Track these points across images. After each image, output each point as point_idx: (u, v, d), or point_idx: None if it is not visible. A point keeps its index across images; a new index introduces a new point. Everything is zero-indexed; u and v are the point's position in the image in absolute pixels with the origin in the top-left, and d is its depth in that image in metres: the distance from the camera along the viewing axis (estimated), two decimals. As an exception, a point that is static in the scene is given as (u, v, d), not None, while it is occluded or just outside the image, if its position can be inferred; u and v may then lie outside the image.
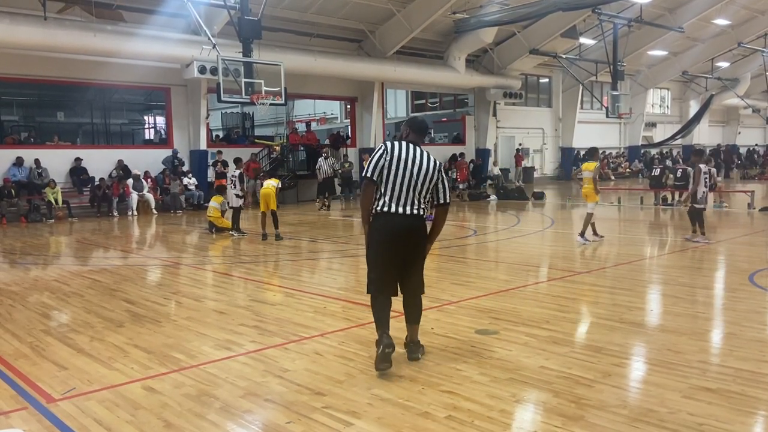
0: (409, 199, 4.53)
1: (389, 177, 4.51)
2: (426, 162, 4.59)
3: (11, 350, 5.21)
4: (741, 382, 4.12)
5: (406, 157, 4.54)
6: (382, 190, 4.54)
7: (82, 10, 16.84)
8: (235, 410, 3.87)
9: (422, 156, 4.60)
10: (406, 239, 4.56)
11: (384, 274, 4.58)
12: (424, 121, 5.26)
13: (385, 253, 4.56)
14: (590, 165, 11.02)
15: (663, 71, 33.12)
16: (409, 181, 4.51)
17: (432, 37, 23.62)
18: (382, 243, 4.55)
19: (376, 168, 4.54)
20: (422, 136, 4.92)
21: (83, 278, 8.53)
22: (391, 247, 4.53)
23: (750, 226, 13.30)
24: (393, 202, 4.51)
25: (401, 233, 4.53)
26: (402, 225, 4.52)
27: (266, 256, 10.46)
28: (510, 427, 3.58)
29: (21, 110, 23.86)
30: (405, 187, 4.51)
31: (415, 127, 4.84)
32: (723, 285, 7.71)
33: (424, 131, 5.01)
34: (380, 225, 4.55)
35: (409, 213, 4.52)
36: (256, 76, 16.12)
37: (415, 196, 4.54)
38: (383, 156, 4.54)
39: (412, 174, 4.52)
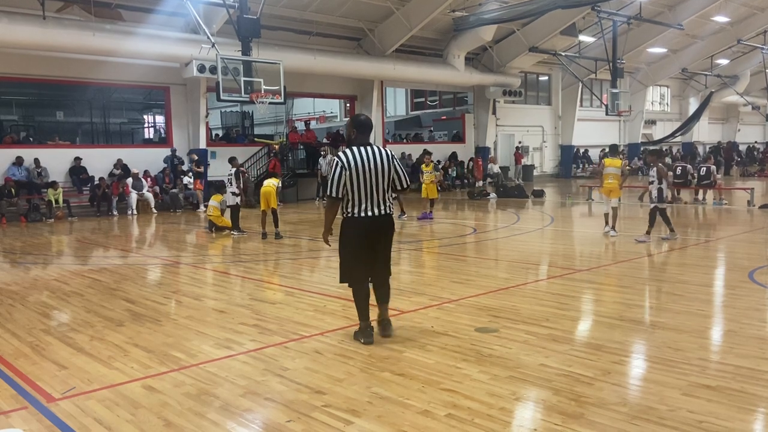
0: (375, 200, 4.97)
1: (353, 186, 4.90)
2: (381, 160, 4.98)
3: (11, 350, 5.22)
4: (741, 379, 4.12)
5: (363, 163, 4.91)
6: (349, 197, 4.94)
7: (81, 9, 16.82)
8: (235, 409, 3.88)
9: (375, 155, 4.96)
10: (378, 236, 5.07)
11: (363, 268, 5.07)
12: (365, 117, 5.35)
13: (361, 251, 5.04)
14: (616, 161, 11.42)
15: (662, 69, 33.09)
16: (372, 183, 4.94)
17: (431, 35, 23.60)
18: (358, 243, 5.02)
19: (339, 185, 4.91)
20: (368, 133, 5.18)
21: (83, 277, 8.53)
22: (366, 245, 5.03)
23: (750, 223, 13.30)
24: (362, 206, 4.95)
25: (374, 232, 5.04)
26: (374, 226, 5.01)
27: (266, 255, 10.46)
28: (510, 425, 3.58)
29: (20, 110, 23.86)
30: (370, 191, 4.94)
31: (359, 126, 5.15)
32: (723, 282, 7.71)
33: (368, 127, 5.22)
34: (354, 228, 5.00)
35: (378, 214, 4.99)
36: (255, 75, 16.09)
37: (379, 195, 4.98)
38: (343, 173, 4.89)
39: (372, 177, 4.93)
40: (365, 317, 5.12)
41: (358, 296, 5.16)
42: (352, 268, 5.10)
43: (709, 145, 38.39)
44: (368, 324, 5.11)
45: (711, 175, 16.89)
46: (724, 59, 33.91)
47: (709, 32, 30.00)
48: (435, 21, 21.99)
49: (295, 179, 21.57)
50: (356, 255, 5.05)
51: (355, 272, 5.10)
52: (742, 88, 36.41)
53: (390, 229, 5.14)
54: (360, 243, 5.01)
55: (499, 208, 17.82)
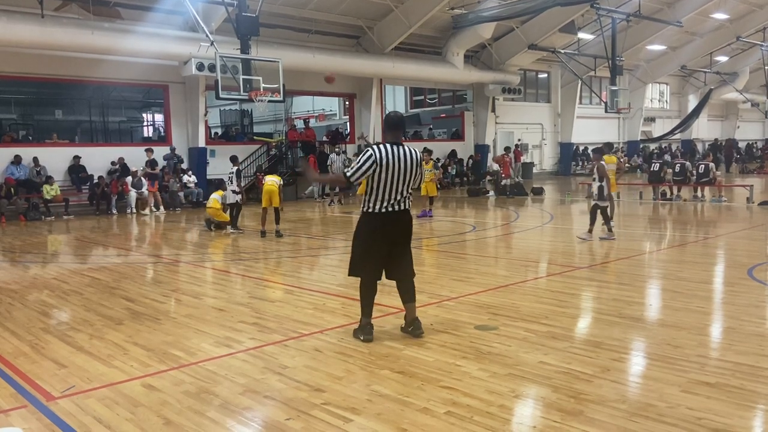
0: (397, 198, 4.99)
1: (380, 183, 4.92)
2: (410, 160, 5.01)
3: (11, 348, 5.21)
4: (740, 376, 4.12)
5: (394, 162, 4.91)
6: (374, 193, 4.96)
7: (80, 7, 16.80)
8: (235, 407, 3.88)
9: (405, 155, 4.99)
10: (398, 233, 5.08)
11: (376, 263, 5.07)
12: (398, 115, 5.30)
13: (377, 246, 5.03)
14: (612, 158, 12.11)
15: (662, 66, 33.08)
16: (398, 182, 4.95)
17: (430, 33, 23.58)
18: (375, 238, 5.02)
19: (361, 175, 4.93)
20: (399, 133, 5.14)
21: (82, 276, 8.53)
22: (384, 240, 5.02)
23: (749, 220, 13.31)
24: (384, 202, 4.96)
25: (394, 228, 5.04)
26: (394, 221, 5.02)
27: (265, 253, 10.46)
28: (509, 423, 3.59)
29: (19, 108, 23.82)
30: (394, 189, 4.96)
31: (389, 125, 5.16)
32: (722, 279, 7.71)
33: (398, 127, 5.18)
34: (374, 223, 5.01)
35: (398, 209, 5.01)
36: (254, 73, 16.08)
37: (402, 194, 5.02)
38: (372, 167, 4.88)
39: (399, 176, 4.95)
40: (368, 314, 5.12)
41: (365, 291, 5.15)
42: (365, 261, 5.08)
43: (708, 142, 38.42)
44: (369, 321, 5.12)
45: (710, 172, 16.90)
46: (723, 56, 33.92)
47: (709, 29, 30.00)
48: (434, 19, 21.98)
49: (294, 177, 21.55)
50: (371, 250, 5.04)
51: (368, 266, 5.08)
52: (742, 85, 36.42)
53: (410, 225, 5.17)
54: (377, 238, 5.01)
55: (498, 206, 17.82)
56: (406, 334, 5.20)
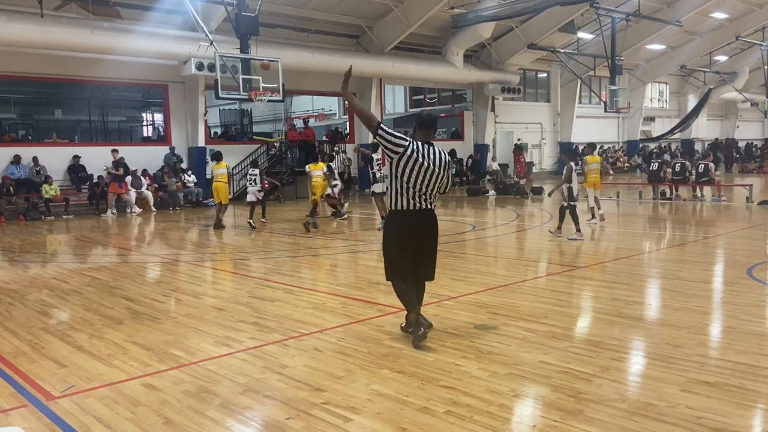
0: (425, 196, 4.92)
1: (405, 176, 4.85)
2: (439, 161, 4.94)
3: (10, 348, 5.21)
4: (739, 375, 4.12)
5: (423, 159, 4.86)
6: (399, 189, 4.90)
7: (79, 7, 16.80)
8: (235, 407, 3.88)
9: (435, 155, 4.93)
10: (425, 230, 5.01)
11: (407, 262, 5.00)
12: (431, 115, 5.24)
13: (407, 244, 4.97)
14: (596, 158, 12.93)
15: (661, 65, 33.09)
16: (426, 181, 4.88)
17: (430, 33, 23.58)
18: (405, 235, 4.96)
19: (389, 140, 4.84)
20: (430, 132, 5.09)
21: (82, 276, 8.53)
22: (413, 237, 4.96)
23: (748, 219, 13.31)
24: (412, 199, 4.89)
25: (422, 228, 4.98)
26: (422, 220, 4.96)
27: (265, 253, 10.46)
28: (509, 422, 3.59)
29: (18, 108, 23.81)
30: (421, 187, 4.87)
31: (421, 123, 5.08)
32: (721, 279, 7.72)
33: (430, 126, 5.12)
34: (401, 219, 4.96)
35: (425, 208, 4.95)
36: (253, 73, 16.09)
37: (429, 193, 4.94)
38: (400, 146, 4.83)
39: (427, 175, 4.87)
40: (411, 307, 5.02)
41: (402, 291, 5.07)
42: (396, 261, 5.02)
43: (707, 142, 38.43)
44: (417, 313, 4.96)
45: (709, 171, 16.91)
46: (722, 56, 33.94)
47: (708, 29, 30.02)
48: (433, 18, 21.98)
49: (294, 177, 21.56)
50: (402, 248, 4.98)
51: (399, 266, 5.02)
52: (741, 84, 36.43)
53: (436, 224, 5.09)
54: (406, 235, 4.95)
55: (498, 206, 17.82)
56: (405, 334, 5.15)
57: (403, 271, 5.02)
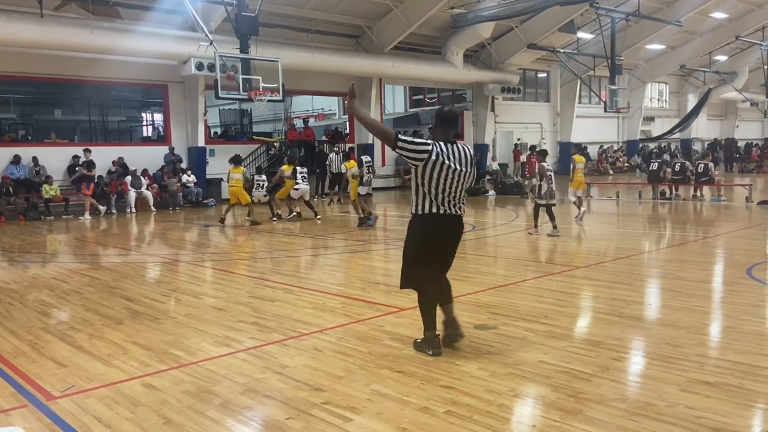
0: (453, 199, 4.64)
1: (432, 180, 4.55)
2: (466, 159, 4.66)
3: (10, 348, 5.22)
4: (739, 375, 4.13)
5: (450, 159, 4.56)
6: (426, 193, 4.60)
7: (79, 7, 16.79)
8: (235, 407, 3.88)
9: (461, 154, 4.65)
10: (454, 238, 4.78)
11: (434, 270, 4.75)
12: (451, 110, 5.00)
13: (435, 252, 4.70)
14: (582, 158, 13.76)
15: (661, 65, 33.08)
16: (454, 182, 4.60)
17: (430, 33, 23.57)
18: (433, 243, 4.68)
19: (410, 149, 4.53)
20: (452, 129, 4.85)
21: (82, 276, 8.53)
22: (441, 245, 4.72)
23: (748, 219, 13.32)
24: (441, 204, 4.60)
25: (451, 234, 4.73)
26: (451, 225, 4.69)
27: (265, 253, 10.46)
28: (509, 422, 3.59)
29: (18, 108, 23.78)
30: (450, 189, 4.60)
31: (441, 120, 4.81)
32: (721, 278, 7.72)
33: (452, 123, 4.88)
34: (430, 226, 4.64)
35: (455, 213, 4.67)
36: (253, 73, 16.08)
37: (458, 195, 4.66)
38: (424, 152, 4.51)
39: (456, 176, 4.59)
40: (433, 326, 4.70)
41: (426, 302, 4.77)
42: (422, 270, 4.70)
43: (707, 142, 38.42)
44: (435, 334, 4.70)
45: (709, 171, 16.92)
46: (722, 56, 33.92)
47: (708, 29, 30.00)
48: (433, 18, 21.97)
49: (293, 177, 21.53)
50: (428, 256, 4.69)
51: (426, 275, 4.71)
52: (741, 84, 36.41)
53: (462, 230, 4.85)
54: (435, 243, 4.68)
55: (497, 205, 17.82)
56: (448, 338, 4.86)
57: (430, 280, 4.74)
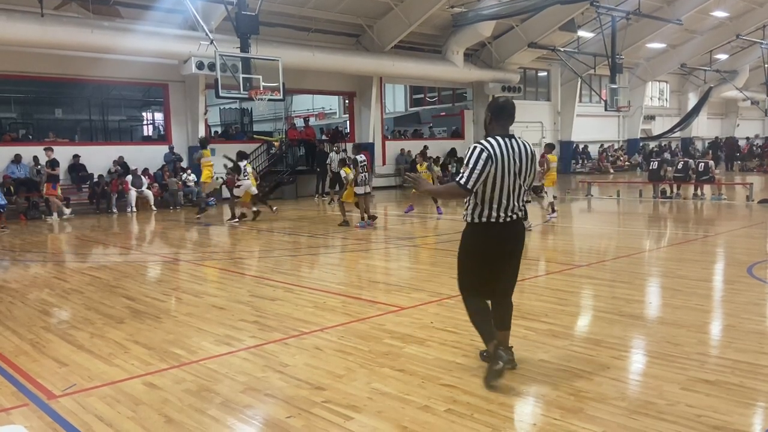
0: (512, 204, 4.08)
1: (494, 185, 3.98)
2: (526, 156, 4.10)
3: (12, 347, 5.22)
4: (739, 373, 4.13)
5: (509, 159, 3.99)
6: (484, 198, 4.02)
7: (79, 6, 16.79)
8: (236, 405, 3.89)
9: (521, 150, 4.08)
10: (513, 245, 4.23)
11: (486, 281, 4.22)
12: (508, 101, 4.27)
13: (489, 262, 4.18)
14: (555, 157, 14.34)
15: (661, 64, 33.06)
16: (513, 185, 4.04)
17: (430, 32, 23.57)
18: (488, 253, 4.15)
19: (480, 178, 3.93)
20: (510, 122, 4.19)
21: (83, 275, 8.53)
22: (497, 255, 4.17)
23: (749, 218, 13.31)
24: (499, 209, 4.04)
25: (510, 240, 4.18)
26: (510, 232, 4.14)
27: (265, 252, 10.47)
28: (510, 420, 3.60)
29: (18, 107, 23.82)
30: (509, 192, 4.04)
31: (497, 113, 4.17)
32: (722, 277, 7.72)
33: (510, 115, 4.20)
34: (487, 234, 4.10)
35: (515, 219, 4.12)
36: (254, 72, 16.08)
37: (517, 198, 4.11)
38: (488, 165, 3.92)
39: (515, 176, 4.04)
40: (490, 337, 4.16)
41: (474, 312, 4.28)
42: (473, 279, 4.25)
43: (707, 141, 38.40)
44: (496, 344, 4.12)
45: (710, 170, 16.92)
46: (723, 54, 33.88)
47: (708, 27, 29.97)
48: (434, 17, 21.96)
49: (294, 176, 21.58)
50: (482, 266, 4.17)
51: (475, 284, 4.24)
52: (741, 83, 36.39)
53: (523, 236, 4.31)
54: (491, 253, 4.14)
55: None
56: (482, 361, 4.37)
57: (480, 291, 4.25)
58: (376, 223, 13.11)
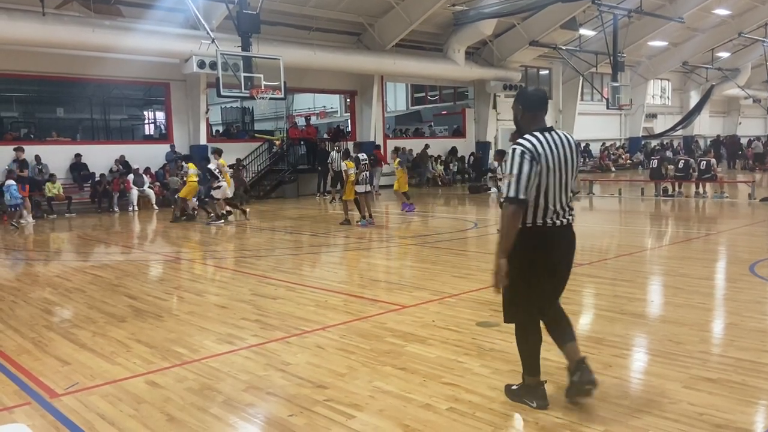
0: (561, 205, 3.59)
1: (538, 186, 3.50)
2: (570, 150, 3.61)
3: (14, 346, 5.23)
4: (742, 372, 4.12)
5: (553, 155, 3.50)
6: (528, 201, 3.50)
7: (81, 5, 16.78)
8: (238, 404, 3.89)
9: (564, 144, 3.58)
10: (565, 253, 3.70)
11: (544, 298, 3.71)
12: (539, 90, 3.84)
13: (543, 275, 3.62)
14: None
15: (663, 62, 33.01)
16: (558, 184, 3.54)
17: (431, 30, 23.54)
18: (538, 264, 3.60)
19: (529, 184, 3.42)
20: (543, 112, 3.70)
21: (85, 274, 8.55)
22: (549, 267, 3.63)
23: (751, 216, 13.29)
24: (547, 212, 3.55)
25: (562, 248, 3.66)
26: (559, 240, 3.63)
27: (267, 251, 10.47)
28: (511, 419, 3.59)
29: (20, 106, 23.84)
30: (555, 193, 3.54)
31: (530, 104, 3.69)
32: (724, 275, 7.71)
33: (543, 105, 3.73)
34: (534, 243, 3.56)
35: (566, 223, 3.63)
36: (255, 71, 16.07)
37: (566, 198, 3.62)
38: (532, 165, 3.43)
39: (562, 174, 3.55)
40: (536, 370, 3.68)
41: (524, 338, 3.71)
42: (529, 299, 3.63)
43: (709, 139, 38.33)
44: (539, 380, 3.70)
45: (711, 168, 16.90)
46: (725, 52, 33.81)
47: (710, 25, 29.91)
48: (435, 15, 21.94)
49: (295, 175, 21.58)
50: (538, 280, 3.61)
51: (533, 305, 3.67)
52: (743, 81, 36.32)
53: (574, 245, 3.73)
54: (539, 264, 3.59)
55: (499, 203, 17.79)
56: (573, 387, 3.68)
57: (533, 310, 3.69)
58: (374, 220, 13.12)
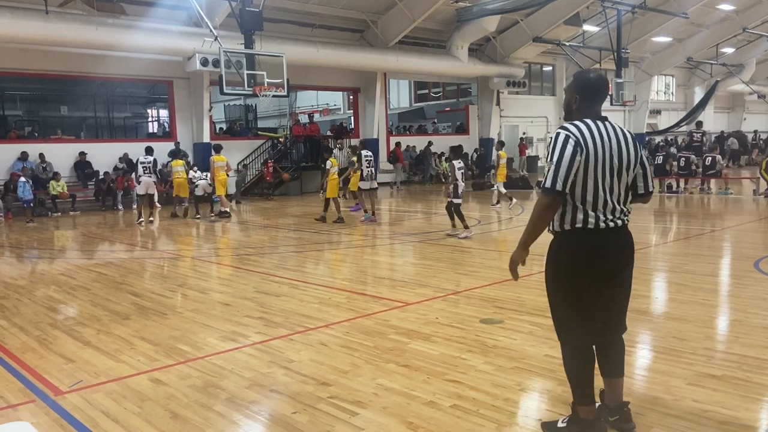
0: (612, 204, 3.13)
1: (586, 180, 3.07)
2: (626, 144, 3.16)
3: (19, 344, 5.25)
4: (746, 368, 4.11)
5: (603, 146, 3.07)
6: (574, 197, 3.10)
7: (84, 3, 16.81)
8: (242, 401, 3.90)
9: (618, 136, 3.16)
10: (618, 261, 3.20)
11: (595, 315, 3.18)
12: (600, 76, 3.29)
13: (594, 287, 3.15)
14: (504, 153, 15.42)
15: (667, 58, 32.90)
16: (613, 179, 3.11)
17: (434, 27, 23.51)
18: (588, 273, 3.13)
19: (570, 173, 3.01)
20: (601, 101, 3.28)
21: (89, 271, 8.57)
22: (601, 276, 3.15)
23: (755, 212, 13.25)
24: (595, 212, 3.10)
25: (614, 254, 3.17)
26: (614, 243, 3.17)
27: (270, 248, 10.48)
28: (515, 416, 3.59)
29: (24, 105, 23.88)
30: (607, 190, 3.10)
31: (587, 91, 3.23)
32: (728, 272, 7.69)
33: (602, 92, 3.27)
34: (581, 248, 3.14)
35: (617, 225, 3.15)
36: (258, 68, 16.08)
37: (620, 197, 3.17)
38: (577, 154, 3.02)
39: (614, 169, 3.11)
40: (590, 398, 3.22)
41: (572, 362, 3.26)
42: (582, 318, 3.16)
43: (714, 135, 38.19)
44: (594, 409, 3.23)
45: (716, 164, 16.84)
46: (729, 48, 33.68)
47: (715, 21, 29.79)
48: (438, 12, 21.91)
49: (298, 172, 21.59)
50: (586, 294, 3.14)
51: (582, 323, 3.17)
52: (748, 76, 36.17)
53: (633, 248, 3.29)
54: (589, 273, 3.12)
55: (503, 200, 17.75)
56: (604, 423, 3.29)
57: (583, 328, 3.18)
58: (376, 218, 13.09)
